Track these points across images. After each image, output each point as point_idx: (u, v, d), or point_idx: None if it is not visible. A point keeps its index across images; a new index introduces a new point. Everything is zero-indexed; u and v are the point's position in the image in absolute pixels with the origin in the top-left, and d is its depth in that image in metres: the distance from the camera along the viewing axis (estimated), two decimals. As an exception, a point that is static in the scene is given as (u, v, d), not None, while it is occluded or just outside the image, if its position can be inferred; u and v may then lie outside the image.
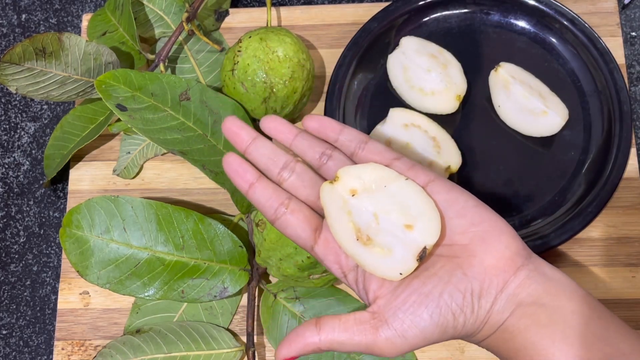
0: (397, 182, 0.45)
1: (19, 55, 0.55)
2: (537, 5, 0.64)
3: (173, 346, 0.56)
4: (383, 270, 0.44)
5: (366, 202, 0.45)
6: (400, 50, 0.64)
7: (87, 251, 0.56)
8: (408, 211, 0.44)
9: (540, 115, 0.60)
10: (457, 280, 0.42)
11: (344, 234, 0.45)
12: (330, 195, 0.45)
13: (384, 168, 0.46)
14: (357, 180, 0.45)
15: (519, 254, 0.43)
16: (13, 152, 0.68)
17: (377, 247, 0.44)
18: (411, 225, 0.44)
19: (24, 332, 0.62)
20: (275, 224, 0.46)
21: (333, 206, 0.45)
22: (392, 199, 0.45)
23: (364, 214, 0.45)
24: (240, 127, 0.47)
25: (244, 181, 0.46)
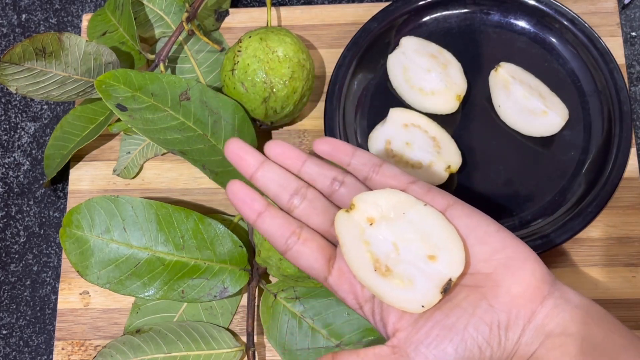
0: (416, 208, 0.43)
1: (19, 55, 0.55)
2: (537, 5, 0.64)
3: (173, 346, 0.56)
4: (403, 302, 0.42)
5: (385, 232, 0.43)
6: (400, 50, 0.64)
7: (87, 251, 0.56)
8: (430, 240, 0.42)
9: (540, 115, 0.60)
10: (483, 311, 0.40)
11: (361, 265, 0.43)
12: (346, 225, 0.43)
13: (401, 193, 0.43)
14: (374, 208, 0.43)
15: (545, 281, 0.41)
16: (13, 152, 0.68)
17: (396, 279, 0.42)
18: (434, 256, 0.42)
19: (24, 332, 0.62)
20: (287, 255, 0.44)
21: (349, 236, 0.43)
22: (412, 227, 0.43)
23: (382, 243, 0.43)
24: (245, 150, 0.44)
25: (252, 211, 0.43)
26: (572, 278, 0.60)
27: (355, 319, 0.58)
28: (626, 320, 0.58)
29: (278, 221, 0.43)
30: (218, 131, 0.59)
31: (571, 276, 0.60)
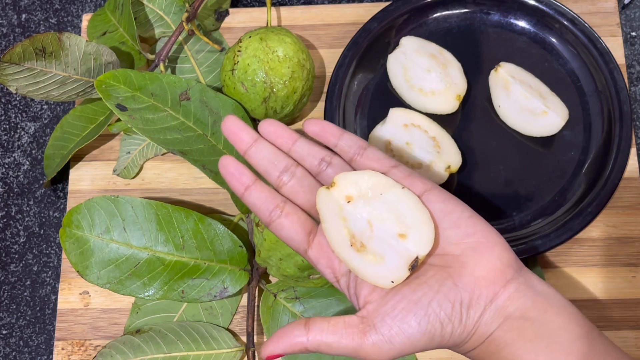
0: (393, 190, 0.45)
1: (19, 55, 0.55)
2: (537, 5, 0.64)
3: (173, 346, 0.56)
4: (375, 277, 0.44)
5: (361, 209, 0.45)
6: (400, 50, 0.64)
7: (87, 251, 0.56)
8: (403, 220, 0.45)
9: (540, 115, 0.60)
10: (447, 289, 0.42)
11: (339, 240, 0.45)
12: (326, 201, 0.45)
13: (380, 175, 0.46)
14: (353, 187, 0.45)
15: (510, 267, 0.43)
16: (13, 152, 0.68)
17: (370, 255, 0.44)
18: (405, 235, 0.44)
19: (24, 332, 0.62)
20: (270, 227, 0.46)
21: (328, 212, 0.45)
22: (387, 207, 0.45)
23: (358, 220, 0.45)
24: (240, 127, 0.47)
25: (240, 184, 0.46)
26: (572, 278, 0.60)
27: (355, 319, 0.58)
28: (626, 320, 0.58)
29: (264, 195, 0.45)
30: (218, 131, 0.59)
31: (571, 276, 0.60)
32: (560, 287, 0.59)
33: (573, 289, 0.59)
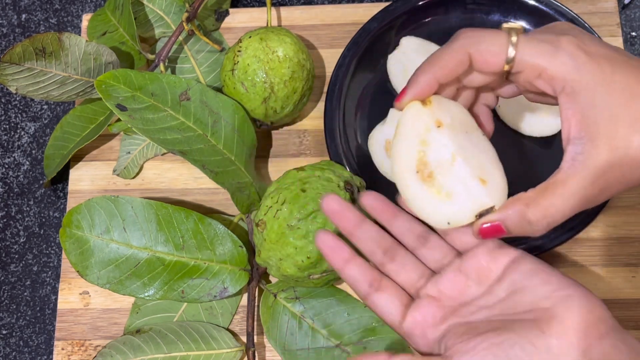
0: (476, 133, 0.43)
1: (19, 55, 0.55)
2: (537, 5, 0.64)
3: (173, 346, 0.56)
4: (431, 213, 0.42)
5: (447, 139, 0.42)
6: (400, 50, 0.64)
7: (87, 251, 0.56)
8: (484, 166, 0.42)
9: (540, 115, 0.60)
10: (533, 336, 0.40)
11: (406, 162, 0.42)
12: (415, 116, 0.42)
13: (470, 115, 0.43)
14: (447, 114, 0.42)
15: (604, 322, 0.40)
16: (13, 152, 0.68)
17: (434, 188, 0.42)
18: (486, 181, 0.41)
19: (24, 332, 0.62)
20: (367, 300, 0.46)
21: (412, 128, 0.42)
22: (473, 147, 0.42)
23: (442, 149, 0.42)
24: (344, 207, 0.47)
25: (340, 258, 0.46)
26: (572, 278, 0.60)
27: (355, 319, 0.58)
28: (626, 320, 0.58)
29: (363, 269, 0.46)
30: (218, 131, 0.59)
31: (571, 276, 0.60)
32: (560, 287, 0.59)
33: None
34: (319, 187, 0.53)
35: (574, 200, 0.40)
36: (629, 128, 0.39)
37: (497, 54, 0.41)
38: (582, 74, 0.39)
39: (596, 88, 0.39)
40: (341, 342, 0.57)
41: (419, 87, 0.43)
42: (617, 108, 0.39)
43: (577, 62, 0.40)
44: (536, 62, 0.40)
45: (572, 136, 0.41)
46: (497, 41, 0.41)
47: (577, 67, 0.40)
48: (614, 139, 0.39)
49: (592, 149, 0.39)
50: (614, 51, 0.41)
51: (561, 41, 0.40)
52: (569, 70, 0.40)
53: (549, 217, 0.41)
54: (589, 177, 0.40)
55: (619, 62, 0.40)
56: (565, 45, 0.40)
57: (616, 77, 0.39)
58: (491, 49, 0.41)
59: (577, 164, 0.40)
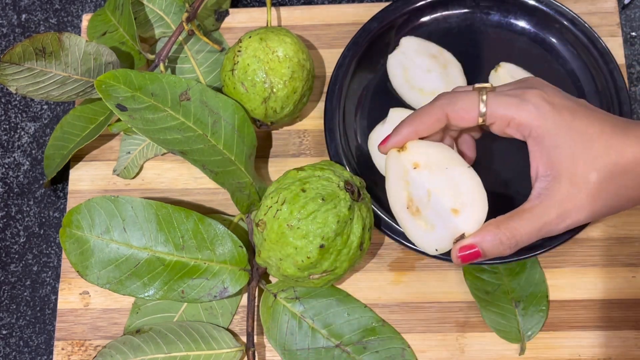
0: (458, 168, 0.49)
1: (19, 55, 0.55)
2: (537, 5, 0.64)
3: (173, 346, 0.56)
4: (421, 241, 0.49)
5: (424, 178, 0.49)
6: (400, 50, 0.64)
7: (87, 251, 0.56)
8: (460, 197, 0.48)
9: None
10: None
11: (398, 200, 0.50)
12: (394, 162, 0.50)
13: (451, 151, 0.50)
14: (423, 156, 0.49)
15: None
16: (13, 152, 0.68)
17: (422, 221, 0.49)
18: (458, 211, 0.48)
19: (24, 332, 0.62)
20: None
21: (394, 172, 0.50)
22: (448, 182, 0.49)
23: (419, 188, 0.49)
24: None
25: None
26: (572, 278, 0.60)
27: (355, 319, 0.58)
28: (626, 320, 0.58)
29: None
30: (218, 131, 0.59)
31: (571, 276, 0.60)
32: (560, 287, 0.59)
33: (573, 289, 0.59)
34: (319, 187, 0.53)
35: (538, 224, 0.47)
36: (588, 166, 0.46)
37: (470, 111, 0.48)
38: (545, 121, 0.46)
39: (558, 132, 0.46)
40: (341, 342, 0.57)
41: (399, 138, 0.50)
42: (576, 149, 0.46)
43: (541, 111, 0.47)
44: (505, 114, 0.47)
45: (539, 174, 0.48)
46: (470, 100, 0.48)
47: (541, 115, 0.47)
48: (574, 175, 0.46)
49: (555, 185, 0.47)
50: (574, 102, 0.48)
51: (527, 94, 0.47)
52: (534, 118, 0.47)
53: (517, 237, 0.47)
54: (552, 207, 0.47)
55: (578, 111, 0.47)
56: (530, 97, 0.47)
57: (575, 123, 0.46)
58: (465, 108, 0.48)
59: (542, 197, 0.47)
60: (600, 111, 0.48)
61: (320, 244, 0.52)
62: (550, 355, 0.58)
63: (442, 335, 0.59)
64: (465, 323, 0.59)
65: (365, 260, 0.61)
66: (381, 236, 0.62)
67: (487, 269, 0.60)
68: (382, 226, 0.59)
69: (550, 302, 0.59)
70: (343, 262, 0.53)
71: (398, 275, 0.61)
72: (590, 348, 0.58)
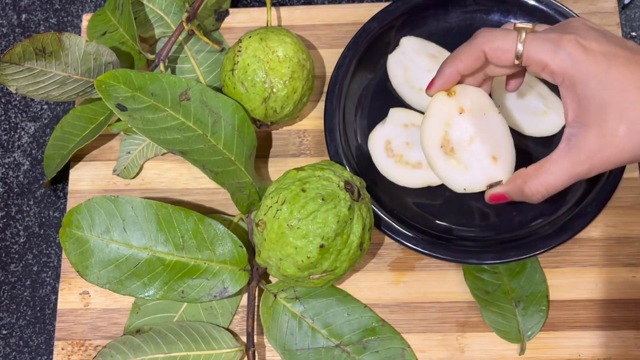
0: (494, 114, 0.53)
1: (19, 55, 0.55)
2: (537, 5, 0.64)
3: (173, 346, 0.56)
4: (450, 179, 0.53)
5: (468, 123, 0.53)
6: (400, 50, 0.64)
7: (87, 251, 0.56)
8: (496, 144, 0.53)
9: (540, 115, 0.60)
10: None
11: (433, 139, 0.53)
12: (441, 104, 0.53)
13: (487, 96, 0.54)
14: (468, 101, 0.53)
15: None
16: (13, 152, 0.68)
17: (454, 160, 0.53)
18: (496, 158, 0.53)
19: (24, 332, 0.62)
20: None
21: (438, 113, 0.53)
22: (488, 128, 0.53)
23: (462, 131, 0.53)
24: None
25: None
26: (572, 278, 0.60)
27: (355, 319, 0.58)
28: (626, 320, 0.58)
29: None
30: (218, 131, 0.59)
31: (571, 276, 0.60)
32: (560, 287, 0.59)
33: (573, 289, 0.59)
34: (319, 187, 0.53)
35: (563, 177, 0.48)
36: (617, 118, 0.45)
37: (507, 51, 0.49)
38: (578, 70, 0.46)
39: (590, 82, 0.45)
40: (341, 342, 0.57)
41: (444, 79, 0.53)
42: (608, 99, 0.45)
43: (575, 59, 0.46)
44: (540, 58, 0.47)
45: (569, 120, 0.48)
46: (508, 39, 0.48)
47: (574, 63, 0.46)
48: (603, 127, 0.46)
49: (583, 133, 0.46)
50: (616, 46, 0.46)
51: (562, 40, 0.46)
52: (567, 67, 0.46)
53: (543, 191, 0.49)
54: (578, 158, 0.47)
55: (617, 58, 0.45)
56: (566, 43, 0.46)
57: (611, 71, 0.45)
58: (503, 47, 0.49)
59: (570, 145, 0.47)
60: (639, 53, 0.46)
61: (320, 244, 0.52)
62: (550, 355, 0.58)
63: (442, 335, 0.59)
64: (465, 323, 0.59)
65: (365, 260, 0.61)
66: (381, 236, 0.62)
67: (487, 269, 0.60)
68: (382, 226, 0.59)
69: (550, 302, 0.59)
70: (343, 262, 0.53)
71: (398, 275, 0.61)
72: (590, 348, 0.58)
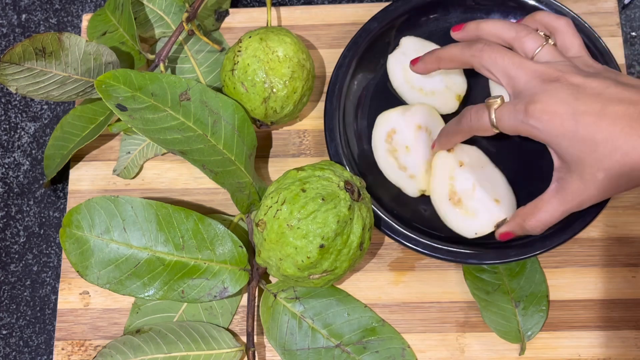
0: (491, 167, 0.59)
1: (19, 55, 0.55)
2: (537, 6, 0.64)
3: (173, 346, 0.56)
4: (461, 226, 0.58)
5: (469, 174, 0.59)
6: (400, 50, 0.64)
7: (87, 251, 0.56)
8: (497, 190, 0.58)
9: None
10: None
11: (441, 192, 0.58)
12: (443, 161, 0.59)
13: (483, 154, 0.60)
14: (465, 156, 0.59)
15: None
16: (13, 152, 0.68)
17: (462, 209, 0.58)
18: (499, 201, 0.58)
19: (24, 332, 0.62)
20: None
21: (442, 169, 0.59)
22: (487, 178, 0.59)
23: (465, 181, 0.58)
24: None
25: None
26: (572, 278, 0.60)
27: (355, 319, 0.58)
28: (626, 320, 0.58)
29: None
30: (218, 131, 0.59)
31: (571, 276, 0.60)
32: (560, 287, 0.59)
33: (573, 289, 0.59)
34: (319, 187, 0.53)
35: (556, 214, 0.53)
36: (594, 167, 0.49)
37: (487, 129, 0.54)
38: (548, 135, 0.50)
39: (561, 143, 0.50)
40: (341, 342, 0.57)
41: (443, 147, 0.59)
42: (582, 156, 0.49)
43: (542, 127, 0.50)
44: (513, 129, 0.52)
45: (555, 166, 0.53)
46: (483, 118, 0.54)
47: (541, 131, 0.50)
48: (583, 173, 0.50)
49: (568, 178, 0.51)
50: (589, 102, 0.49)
51: (527, 111, 0.50)
52: (537, 133, 0.51)
53: (541, 226, 0.54)
54: (566, 198, 0.52)
55: (586, 116, 0.49)
56: (530, 115, 0.50)
57: (580, 131, 0.49)
58: (481, 127, 0.54)
59: (559, 187, 0.52)
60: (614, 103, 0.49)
61: (320, 244, 0.52)
62: (550, 355, 0.58)
63: (442, 335, 0.59)
64: (465, 323, 0.59)
65: (365, 260, 0.61)
66: (381, 236, 0.62)
67: (487, 269, 0.60)
68: (382, 226, 0.59)
69: (550, 302, 0.59)
70: (343, 262, 0.53)
71: (398, 275, 0.61)
72: (590, 348, 0.58)
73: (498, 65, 0.54)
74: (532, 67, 0.52)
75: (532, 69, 0.52)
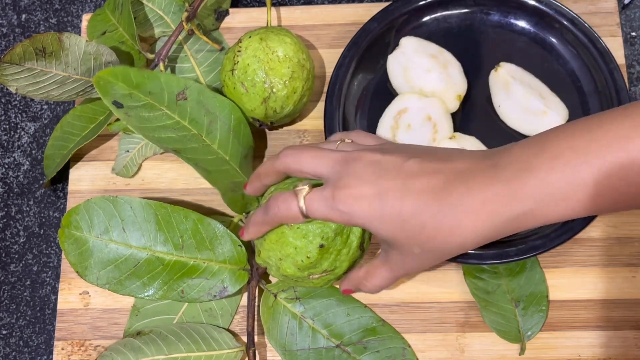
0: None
1: (19, 55, 0.55)
2: (537, 5, 0.64)
3: (174, 347, 0.56)
4: None
5: None
6: (400, 50, 0.64)
7: (86, 252, 0.56)
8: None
9: (540, 115, 0.60)
10: None
11: None
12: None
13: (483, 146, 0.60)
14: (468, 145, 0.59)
15: None
16: (13, 152, 0.68)
17: None
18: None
19: (24, 332, 0.62)
20: None
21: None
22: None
23: None
24: None
25: None
26: (572, 278, 0.60)
27: (355, 319, 0.58)
28: (626, 320, 0.58)
29: None
30: (213, 131, 0.59)
31: (571, 276, 0.60)
32: (560, 287, 0.59)
33: (573, 289, 0.59)
34: (318, 187, 0.53)
35: (388, 279, 0.53)
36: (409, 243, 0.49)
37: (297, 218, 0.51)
38: (359, 219, 0.49)
39: (372, 224, 0.49)
40: (341, 342, 0.57)
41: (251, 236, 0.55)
42: (393, 234, 0.48)
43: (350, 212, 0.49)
44: (323, 217, 0.50)
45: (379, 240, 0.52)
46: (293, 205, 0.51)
47: (351, 216, 0.49)
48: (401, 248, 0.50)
49: (391, 250, 0.51)
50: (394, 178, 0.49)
51: (335, 198, 0.49)
52: (347, 219, 0.49)
53: (377, 289, 0.53)
54: (392, 267, 0.52)
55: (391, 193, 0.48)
56: (337, 201, 0.49)
57: (387, 210, 0.48)
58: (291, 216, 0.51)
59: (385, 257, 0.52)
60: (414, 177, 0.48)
61: (320, 243, 0.52)
62: (550, 355, 0.58)
63: (442, 335, 0.59)
64: (465, 323, 0.59)
65: (365, 260, 0.61)
66: (381, 236, 0.62)
67: (487, 269, 0.60)
68: None
69: (550, 302, 0.59)
70: (343, 262, 0.53)
71: (398, 275, 0.61)
72: (590, 348, 0.58)
73: (303, 161, 0.52)
74: (332, 155, 0.51)
75: (332, 156, 0.51)
